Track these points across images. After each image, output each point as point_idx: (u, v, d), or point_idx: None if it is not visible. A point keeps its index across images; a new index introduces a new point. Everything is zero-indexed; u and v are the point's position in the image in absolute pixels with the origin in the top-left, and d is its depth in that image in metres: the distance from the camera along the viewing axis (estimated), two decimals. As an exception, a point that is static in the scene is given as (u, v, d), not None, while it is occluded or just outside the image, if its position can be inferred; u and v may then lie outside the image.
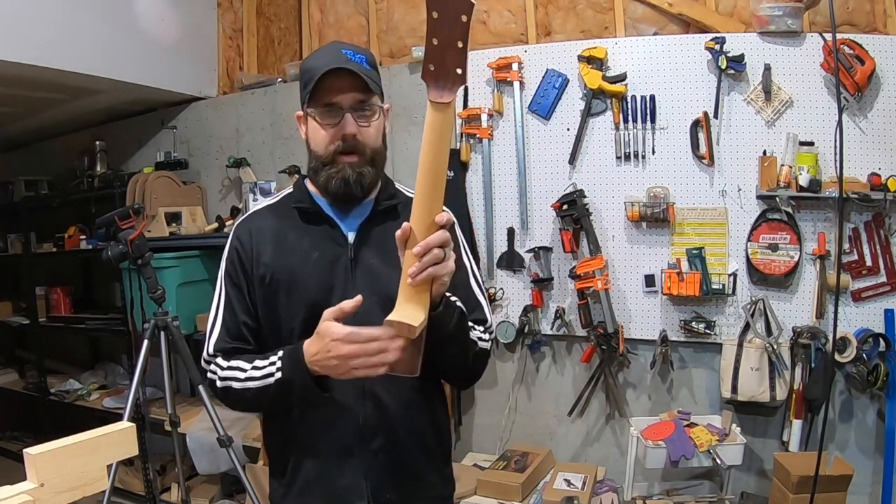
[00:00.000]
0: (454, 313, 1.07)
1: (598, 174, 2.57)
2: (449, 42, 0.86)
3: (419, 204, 0.94)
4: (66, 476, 0.70)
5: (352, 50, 1.14)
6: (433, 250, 0.93)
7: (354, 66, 1.11)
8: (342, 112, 1.12)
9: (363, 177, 1.15)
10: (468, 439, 2.87)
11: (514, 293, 2.72)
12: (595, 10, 2.69)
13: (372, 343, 0.98)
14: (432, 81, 0.89)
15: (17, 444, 4.02)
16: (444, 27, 0.85)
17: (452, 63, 0.87)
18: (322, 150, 1.15)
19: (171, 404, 2.38)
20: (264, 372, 1.10)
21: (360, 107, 1.14)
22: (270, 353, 1.12)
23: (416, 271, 0.93)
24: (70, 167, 3.76)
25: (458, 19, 0.84)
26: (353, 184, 1.15)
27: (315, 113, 1.14)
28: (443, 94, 0.89)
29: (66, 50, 2.66)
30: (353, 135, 1.13)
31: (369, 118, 1.15)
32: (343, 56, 1.12)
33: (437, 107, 0.90)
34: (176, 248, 3.02)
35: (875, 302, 2.28)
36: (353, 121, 1.13)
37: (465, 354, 1.15)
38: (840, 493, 2.06)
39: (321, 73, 1.09)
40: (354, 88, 1.12)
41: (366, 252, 1.18)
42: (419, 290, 0.95)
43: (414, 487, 1.20)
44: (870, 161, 2.25)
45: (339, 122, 1.13)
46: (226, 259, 1.21)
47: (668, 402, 2.55)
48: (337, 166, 1.14)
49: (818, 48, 2.27)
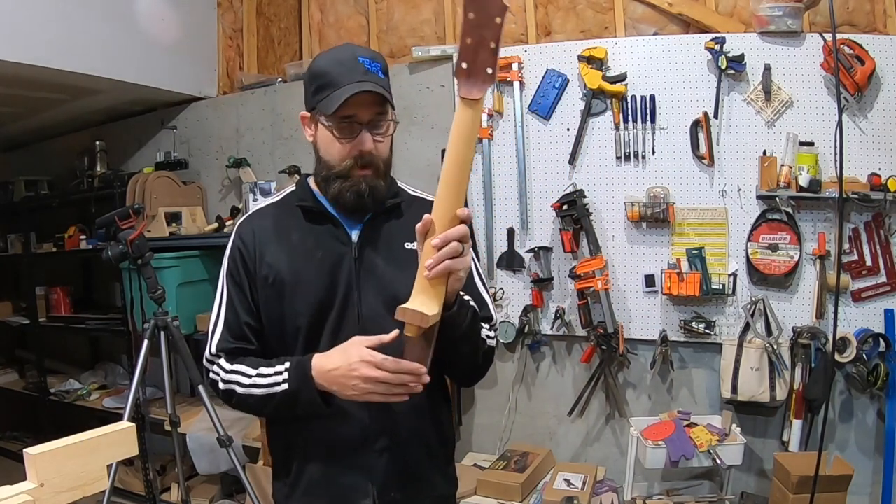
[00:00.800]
0: (468, 312, 1.08)
1: (598, 174, 2.57)
2: (482, 42, 0.89)
3: (442, 197, 0.95)
4: (66, 476, 0.70)
5: (368, 58, 1.13)
6: (452, 243, 0.94)
7: (375, 81, 1.10)
8: (359, 128, 1.11)
9: (376, 190, 1.15)
10: (468, 439, 2.87)
11: (514, 293, 2.72)
12: (595, 10, 2.69)
13: (402, 376, 0.99)
14: (464, 79, 0.91)
15: (17, 444, 4.03)
16: (479, 28, 0.88)
17: (483, 62, 0.89)
18: (336, 163, 1.14)
19: (171, 404, 2.38)
20: (269, 381, 1.09)
21: (377, 121, 1.13)
22: (276, 362, 1.12)
23: (434, 263, 0.94)
24: (70, 167, 3.76)
25: (493, 21, 0.87)
26: (367, 197, 1.15)
27: (332, 125, 1.12)
28: (472, 91, 0.91)
29: (66, 50, 2.66)
30: (370, 151, 1.12)
31: (384, 133, 1.15)
32: (361, 66, 1.10)
33: (467, 103, 0.92)
34: (176, 248, 3.02)
35: (875, 302, 2.28)
36: (371, 137, 1.12)
37: (475, 353, 1.16)
38: (840, 493, 2.05)
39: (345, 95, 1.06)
40: (373, 104, 1.11)
41: (370, 251, 1.18)
42: (435, 284, 0.96)
43: (418, 487, 1.20)
44: (870, 161, 2.25)
45: (357, 138, 1.11)
46: (228, 258, 1.21)
47: (668, 402, 2.55)
48: (352, 180, 1.14)
49: (818, 48, 2.27)
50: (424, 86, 2.84)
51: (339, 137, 1.12)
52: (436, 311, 0.96)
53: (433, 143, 2.82)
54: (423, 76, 2.84)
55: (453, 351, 1.08)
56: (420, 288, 0.96)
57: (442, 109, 2.81)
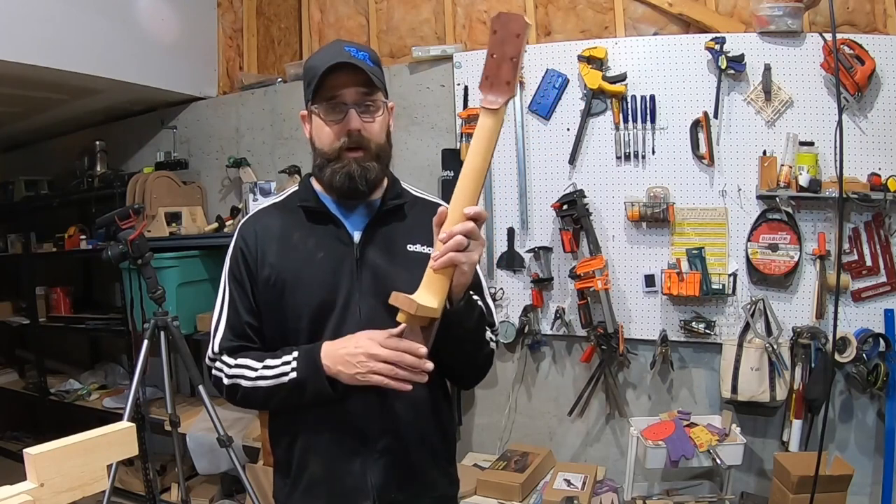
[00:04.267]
0: (475, 311, 1.10)
1: (598, 174, 2.57)
2: (503, 56, 0.97)
3: (457, 199, 1.00)
4: (66, 476, 0.70)
5: (355, 47, 1.14)
6: (457, 237, 0.97)
7: (357, 61, 1.11)
8: (346, 108, 1.12)
9: (368, 171, 1.15)
10: (468, 439, 2.87)
11: (514, 293, 2.72)
12: (595, 10, 2.69)
13: (407, 356, 1.01)
14: (486, 90, 0.99)
15: (17, 444, 4.02)
16: (501, 44, 0.96)
17: (504, 75, 0.97)
18: (327, 147, 1.15)
19: (171, 404, 2.38)
20: (277, 371, 1.10)
21: (364, 102, 1.13)
22: (281, 353, 1.12)
23: (439, 255, 0.98)
24: (70, 167, 3.76)
25: (514, 37, 0.96)
26: (358, 178, 1.14)
27: (319, 110, 1.13)
28: (493, 101, 0.98)
29: (66, 50, 2.66)
30: (357, 130, 1.13)
31: (374, 114, 1.15)
32: (346, 52, 1.12)
33: (487, 112, 1.00)
34: (176, 248, 3.01)
35: (875, 302, 2.28)
36: (358, 116, 1.12)
37: (478, 353, 1.18)
38: (840, 493, 2.05)
39: (324, 69, 1.09)
40: (358, 83, 1.12)
41: (372, 252, 1.18)
42: (439, 277, 1.00)
43: (419, 487, 1.20)
44: (870, 161, 2.25)
45: (344, 118, 1.12)
46: (230, 258, 1.21)
47: (668, 402, 2.55)
48: (342, 162, 1.14)
49: (818, 48, 2.27)
50: (424, 86, 2.84)
51: (326, 120, 1.13)
52: (433, 304, 0.99)
53: (433, 142, 2.82)
54: (423, 76, 2.84)
55: (457, 348, 1.09)
56: (425, 281, 1.01)
57: (442, 109, 2.81)
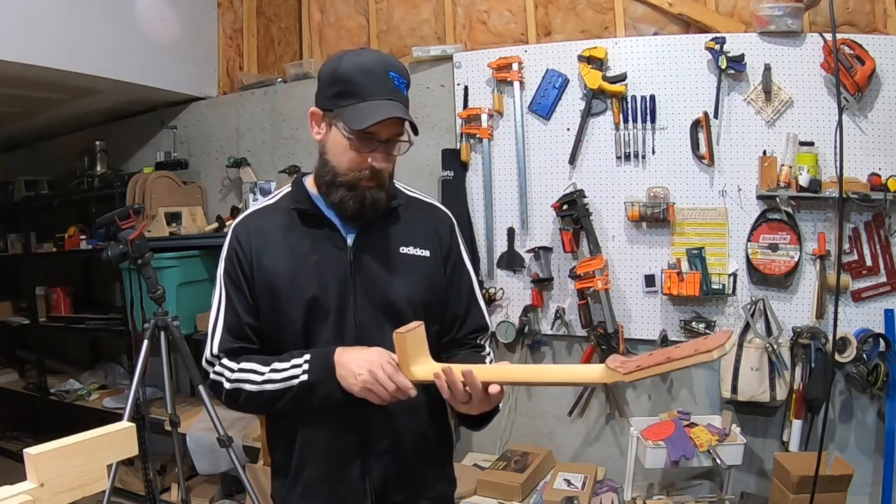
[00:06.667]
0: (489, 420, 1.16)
1: (598, 174, 2.57)
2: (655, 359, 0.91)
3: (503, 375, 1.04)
4: (66, 476, 0.70)
5: (398, 73, 1.13)
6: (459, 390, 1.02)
7: (402, 102, 1.12)
8: (376, 144, 1.12)
9: (378, 202, 1.16)
10: (468, 439, 2.87)
11: (514, 293, 2.72)
12: (595, 10, 2.69)
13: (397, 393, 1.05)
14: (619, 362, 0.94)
15: (17, 444, 4.02)
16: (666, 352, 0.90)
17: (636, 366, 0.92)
18: (344, 171, 1.14)
19: (171, 404, 2.38)
20: (286, 374, 1.10)
21: (394, 140, 1.14)
22: (289, 356, 1.12)
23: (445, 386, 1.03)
24: (70, 167, 3.75)
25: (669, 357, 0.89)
26: (369, 207, 1.15)
27: (352, 138, 1.11)
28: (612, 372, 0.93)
29: (66, 50, 2.66)
30: (381, 169, 1.14)
31: (398, 153, 1.16)
32: (391, 82, 1.11)
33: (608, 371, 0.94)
34: (176, 248, 3.01)
35: (875, 302, 2.28)
36: (385, 155, 1.14)
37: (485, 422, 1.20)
38: (840, 493, 2.06)
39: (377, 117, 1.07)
40: (395, 125, 1.12)
41: (365, 255, 1.18)
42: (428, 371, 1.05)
43: (417, 488, 1.21)
44: (870, 161, 2.25)
45: (372, 153, 1.12)
46: (224, 259, 1.20)
47: (668, 402, 2.55)
48: (357, 191, 1.14)
49: (818, 48, 2.27)
50: (424, 86, 2.84)
51: (351, 143, 1.11)
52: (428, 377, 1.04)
53: (433, 142, 2.82)
54: (423, 76, 2.84)
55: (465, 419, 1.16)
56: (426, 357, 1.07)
57: (442, 109, 2.81)
